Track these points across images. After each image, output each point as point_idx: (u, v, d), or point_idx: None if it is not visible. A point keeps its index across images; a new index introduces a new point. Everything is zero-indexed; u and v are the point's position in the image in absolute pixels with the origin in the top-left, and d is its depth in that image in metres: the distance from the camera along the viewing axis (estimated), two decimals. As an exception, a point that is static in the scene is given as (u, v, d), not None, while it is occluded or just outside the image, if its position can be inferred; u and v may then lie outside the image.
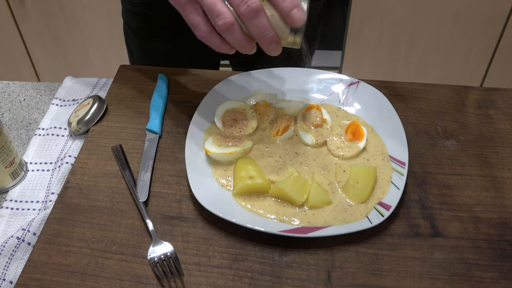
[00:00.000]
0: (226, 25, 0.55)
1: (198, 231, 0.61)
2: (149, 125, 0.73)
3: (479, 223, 0.62)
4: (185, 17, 0.58)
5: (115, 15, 1.79)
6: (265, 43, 0.57)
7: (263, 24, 0.55)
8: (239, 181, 0.64)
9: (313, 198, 0.63)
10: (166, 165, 0.69)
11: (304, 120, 0.72)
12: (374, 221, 0.60)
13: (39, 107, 0.82)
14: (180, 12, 0.58)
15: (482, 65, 1.89)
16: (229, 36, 0.57)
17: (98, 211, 0.63)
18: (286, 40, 0.59)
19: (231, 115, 0.72)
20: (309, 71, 0.79)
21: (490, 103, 0.78)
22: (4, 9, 1.81)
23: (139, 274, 0.57)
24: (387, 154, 0.69)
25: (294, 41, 0.59)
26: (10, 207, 0.67)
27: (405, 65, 1.91)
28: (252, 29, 0.56)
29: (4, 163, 0.66)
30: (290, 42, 0.60)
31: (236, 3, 0.54)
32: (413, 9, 1.74)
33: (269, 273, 0.57)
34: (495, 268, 0.58)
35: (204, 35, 0.58)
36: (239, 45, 0.58)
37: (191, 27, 0.58)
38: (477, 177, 0.68)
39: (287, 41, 0.59)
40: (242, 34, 0.57)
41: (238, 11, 0.55)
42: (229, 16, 0.55)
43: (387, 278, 0.57)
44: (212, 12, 0.55)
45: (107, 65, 1.98)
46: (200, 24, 0.57)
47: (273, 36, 0.56)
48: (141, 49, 1.00)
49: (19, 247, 0.61)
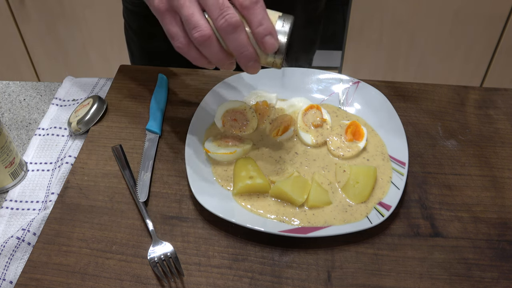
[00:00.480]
0: (203, 38, 0.53)
1: (198, 231, 0.61)
2: (149, 125, 0.73)
3: (479, 223, 0.62)
4: (164, 27, 0.57)
5: (115, 15, 1.79)
6: (242, 60, 0.55)
7: (241, 40, 0.54)
8: (239, 181, 0.64)
9: (313, 198, 0.63)
10: (166, 165, 0.69)
11: (304, 120, 0.72)
12: (374, 221, 0.60)
13: (39, 107, 0.82)
14: (160, 21, 0.57)
15: (482, 65, 1.89)
16: (205, 49, 0.55)
17: (98, 211, 0.63)
18: (266, 59, 0.57)
19: (231, 115, 0.72)
20: (309, 71, 0.79)
21: (490, 103, 0.78)
22: (4, 9, 1.81)
23: (139, 274, 0.57)
24: (387, 154, 0.69)
25: (274, 62, 0.57)
26: (10, 207, 0.67)
27: (405, 65, 1.91)
28: (229, 44, 0.54)
29: (4, 163, 0.66)
30: (270, 63, 0.57)
31: (215, 16, 0.53)
32: (413, 9, 1.74)
33: (269, 273, 0.57)
34: (495, 268, 0.58)
35: (182, 47, 0.56)
36: (216, 59, 0.56)
37: (169, 38, 0.56)
38: (477, 177, 0.68)
39: (267, 61, 0.57)
40: (220, 48, 0.55)
41: (217, 25, 0.53)
42: (206, 28, 0.53)
43: (387, 278, 0.57)
44: (189, 23, 0.53)
45: (107, 65, 1.99)
46: (178, 35, 0.55)
47: (251, 53, 0.55)
48: (142, 49, 1.00)
49: (19, 247, 0.61)
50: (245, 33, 0.54)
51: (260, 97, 0.76)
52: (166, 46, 0.97)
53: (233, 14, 0.52)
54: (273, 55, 0.56)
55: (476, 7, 1.71)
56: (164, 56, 0.98)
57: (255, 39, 0.55)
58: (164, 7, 0.55)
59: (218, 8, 0.52)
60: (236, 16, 0.53)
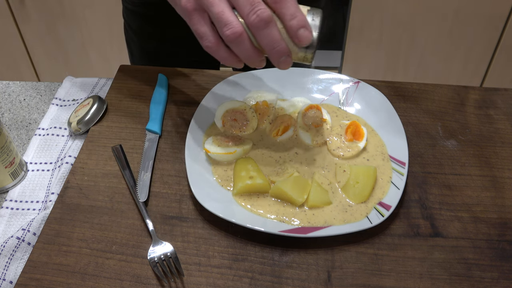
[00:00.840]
0: (234, 35, 0.52)
1: (198, 231, 0.61)
2: (149, 125, 0.73)
3: (479, 223, 0.62)
4: (192, 27, 0.56)
5: (115, 15, 1.79)
6: (275, 56, 0.54)
7: (273, 35, 0.53)
8: (239, 181, 0.64)
9: (313, 198, 0.63)
10: (166, 165, 0.69)
11: (304, 120, 0.72)
12: (374, 221, 0.60)
13: (39, 107, 0.82)
14: (187, 21, 0.56)
15: (482, 65, 1.89)
16: (237, 47, 0.54)
17: (98, 211, 0.63)
18: (297, 54, 0.56)
19: (231, 115, 0.72)
20: (309, 71, 0.79)
21: (490, 103, 0.78)
22: (4, 9, 1.81)
23: (139, 274, 0.57)
24: (387, 154, 0.69)
25: (305, 57, 0.57)
26: (10, 207, 0.67)
27: (405, 65, 1.91)
28: (261, 40, 0.53)
29: (4, 163, 0.66)
30: (301, 58, 0.57)
31: (246, 12, 0.52)
32: (413, 9, 1.74)
33: (269, 273, 0.57)
34: (495, 268, 0.58)
35: (211, 46, 0.55)
36: (247, 57, 0.55)
37: (198, 37, 0.56)
38: (477, 177, 0.68)
39: (298, 56, 0.57)
40: (251, 45, 0.54)
41: (248, 21, 0.52)
42: (237, 25, 0.52)
43: (387, 278, 0.57)
44: (220, 21, 0.52)
45: (107, 65, 1.99)
46: (207, 34, 0.54)
47: (284, 48, 0.54)
48: (141, 49, 1.00)
49: (19, 247, 0.61)
50: (277, 28, 0.53)
51: (260, 97, 0.76)
52: (166, 46, 0.98)
53: (264, 9, 0.52)
54: (305, 50, 0.56)
55: (476, 7, 1.71)
56: (164, 56, 0.99)
57: (288, 32, 0.54)
58: (191, 6, 0.54)
59: (249, 4, 0.52)
60: (267, 11, 0.52)
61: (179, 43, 0.95)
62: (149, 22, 0.95)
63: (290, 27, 0.53)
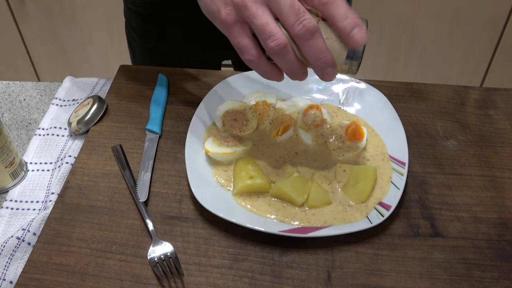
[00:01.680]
0: (279, 47, 0.50)
1: (198, 231, 0.61)
2: (149, 125, 0.73)
3: (479, 223, 0.62)
4: (233, 40, 0.54)
5: (115, 15, 1.79)
6: (320, 67, 0.52)
7: (319, 46, 0.50)
8: (239, 181, 0.64)
9: (313, 198, 0.63)
10: (166, 165, 0.69)
11: (304, 120, 0.72)
12: (374, 221, 0.60)
13: (39, 107, 0.82)
14: (226, 34, 0.54)
15: (482, 65, 1.89)
16: (280, 59, 0.52)
17: (98, 211, 0.63)
18: (341, 66, 0.54)
19: (231, 115, 0.72)
20: (309, 71, 0.78)
21: (490, 103, 0.78)
22: (4, 9, 1.81)
23: (139, 274, 0.57)
24: (387, 154, 0.69)
25: (350, 68, 0.54)
26: (10, 207, 0.67)
27: (405, 65, 1.91)
28: (306, 51, 0.51)
29: (4, 163, 0.66)
30: (345, 69, 0.54)
31: (291, 23, 0.50)
32: (413, 9, 1.74)
33: (269, 273, 0.57)
34: (495, 268, 0.58)
35: (253, 59, 0.53)
36: (290, 69, 0.53)
37: (238, 51, 0.54)
38: (477, 177, 0.68)
39: (342, 67, 0.54)
40: (295, 57, 0.52)
41: (293, 31, 0.50)
42: (282, 37, 0.50)
43: (387, 278, 0.57)
44: (263, 32, 0.50)
45: (107, 65, 1.98)
46: (249, 47, 0.52)
47: (330, 59, 0.51)
48: (143, 49, 1.00)
49: (19, 247, 0.61)
50: (322, 38, 0.51)
51: (260, 97, 0.76)
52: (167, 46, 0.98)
53: (310, 19, 0.50)
54: (350, 60, 0.53)
55: (476, 7, 1.71)
56: (165, 56, 0.99)
57: (341, 34, 0.51)
58: (232, 19, 0.52)
59: (294, 14, 0.50)
60: (313, 21, 0.50)
61: (181, 44, 0.95)
62: (151, 22, 0.95)
63: (343, 28, 0.50)
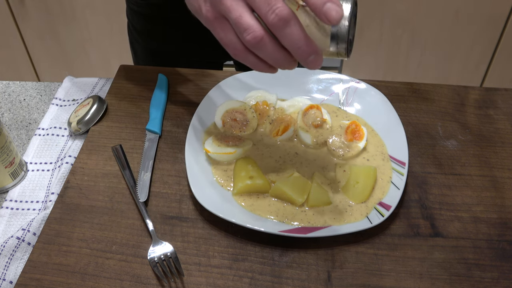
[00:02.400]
0: (256, 40, 0.48)
1: (198, 231, 0.61)
2: (149, 125, 0.73)
3: (479, 223, 0.62)
4: (216, 36, 0.52)
5: (115, 15, 1.79)
6: (301, 56, 0.49)
7: (295, 34, 0.47)
8: (239, 181, 0.64)
9: (313, 198, 0.63)
10: (166, 165, 0.69)
11: (304, 120, 0.72)
12: (374, 221, 0.60)
13: (39, 107, 0.82)
14: (212, 31, 0.52)
15: (482, 65, 1.89)
16: (260, 52, 0.50)
17: (98, 211, 0.63)
18: (328, 51, 0.50)
19: (231, 115, 0.72)
20: (309, 71, 0.79)
21: (490, 103, 0.78)
22: (4, 9, 1.81)
23: (139, 274, 0.57)
24: (387, 154, 0.69)
25: (338, 52, 0.50)
26: (10, 207, 0.67)
27: (405, 65, 1.91)
28: (283, 40, 0.48)
29: (4, 163, 0.66)
30: (333, 53, 0.50)
31: (263, 12, 0.47)
32: (413, 9, 1.74)
33: (269, 273, 0.57)
34: (495, 268, 0.58)
35: (238, 54, 0.51)
36: (274, 60, 0.51)
37: (224, 47, 0.52)
38: (477, 177, 0.68)
39: (330, 52, 0.50)
40: (276, 48, 0.49)
41: (267, 21, 0.47)
42: (257, 29, 0.48)
43: (387, 278, 0.57)
44: (238, 26, 0.48)
45: (107, 65, 1.98)
46: (232, 42, 0.51)
47: (310, 46, 0.48)
48: (145, 49, 1.00)
49: (19, 247, 0.61)
50: (299, 25, 0.48)
51: (260, 97, 0.76)
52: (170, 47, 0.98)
53: (283, 6, 0.47)
54: (335, 43, 0.49)
55: (476, 7, 1.71)
56: (167, 56, 0.99)
57: (315, 12, 0.47)
58: (212, 15, 0.51)
59: (266, 3, 0.47)
60: (286, 8, 0.47)
61: (183, 44, 0.95)
62: (154, 23, 0.95)
63: (314, 5, 0.47)
